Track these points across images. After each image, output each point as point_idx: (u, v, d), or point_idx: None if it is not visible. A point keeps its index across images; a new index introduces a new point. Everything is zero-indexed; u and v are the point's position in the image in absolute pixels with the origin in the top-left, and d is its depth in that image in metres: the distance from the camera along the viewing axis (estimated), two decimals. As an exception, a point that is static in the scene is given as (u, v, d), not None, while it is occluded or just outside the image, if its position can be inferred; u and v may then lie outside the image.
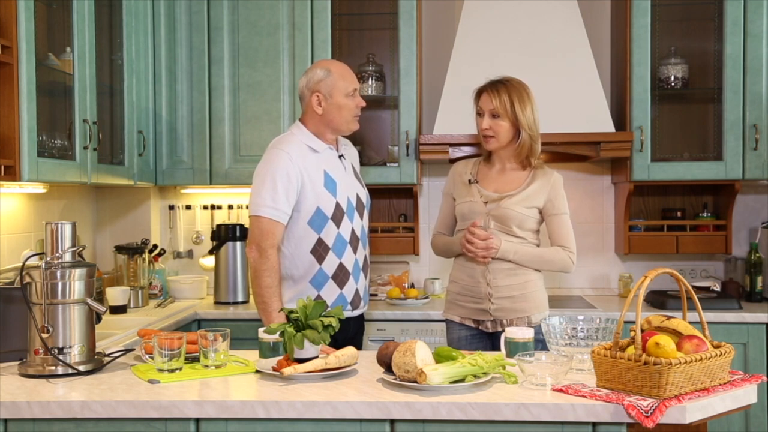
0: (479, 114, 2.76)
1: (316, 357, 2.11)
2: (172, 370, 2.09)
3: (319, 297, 2.67)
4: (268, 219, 2.62)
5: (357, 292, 2.77)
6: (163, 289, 3.83)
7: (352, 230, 2.74)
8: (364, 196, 2.87)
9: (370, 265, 4.00)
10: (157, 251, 3.82)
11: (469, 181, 2.80)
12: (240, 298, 3.73)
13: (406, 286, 3.87)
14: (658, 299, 3.58)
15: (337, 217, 2.69)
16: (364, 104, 2.78)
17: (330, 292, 2.70)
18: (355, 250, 2.75)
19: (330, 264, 2.69)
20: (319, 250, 2.68)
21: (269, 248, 2.61)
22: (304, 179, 2.65)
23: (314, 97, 2.71)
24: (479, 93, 2.77)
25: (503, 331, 2.55)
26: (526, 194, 2.72)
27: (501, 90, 2.70)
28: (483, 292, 2.71)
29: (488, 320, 2.73)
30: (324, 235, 2.68)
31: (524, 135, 2.70)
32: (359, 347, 2.87)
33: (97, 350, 2.27)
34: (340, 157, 2.80)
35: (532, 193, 2.72)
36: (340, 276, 2.71)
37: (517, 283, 2.70)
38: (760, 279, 3.65)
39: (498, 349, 2.61)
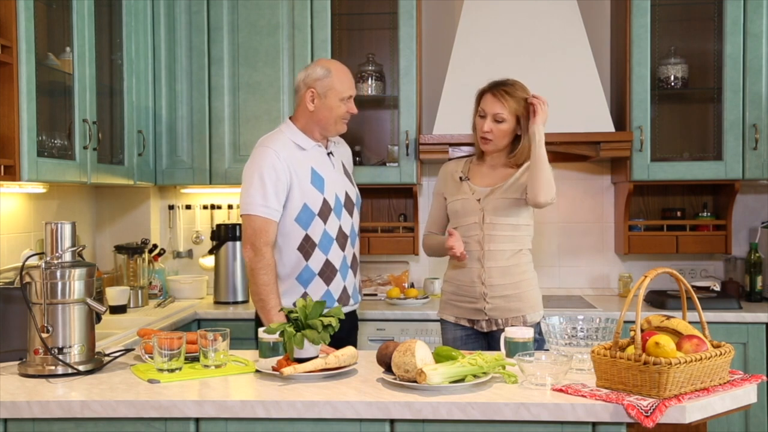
0: (480, 115, 2.74)
1: (316, 357, 2.11)
2: (172, 370, 2.09)
3: (305, 294, 2.65)
4: (260, 217, 2.61)
5: (345, 289, 2.74)
6: (162, 289, 3.83)
7: (340, 227, 2.72)
8: (354, 194, 2.84)
9: (373, 265, 4.01)
10: (157, 251, 3.82)
11: (461, 178, 2.80)
12: (240, 298, 3.73)
13: (406, 286, 3.87)
14: (658, 299, 3.58)
15: (324, 213, 2.67)
16: (355, 111, 2.75)
17: (316, 289, 2.68)
18: (342, 247, 2.73)
19: (316, 261, 2.68)
20: (306, 247, 2.66)
21: (263, 246, 2.61)
22: (291, 176, 2.63)
23: (308, 93, 2.69)
24: (482, 94, 2.75)
25: (498, 330, 2.55)
26: (514, 178, 2.72)
27: (510, 95, 2.67)
28: (478, 292, 2.71)
29: (483, 320, 2.73)
30: (311, 231, 2.66)
31: (525, 142, 2.68)
32: (354, 345, 2.86)
33: (97, 350, 2.27)
34: (328, 154, 2.78)
35: (519, 176, 2.72)
36: (327, 273, 2.69)
37: (512, 283, 2.70)
38: (759, 279, 3.65)
39: (493, 348, 2.62)
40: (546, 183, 2.60)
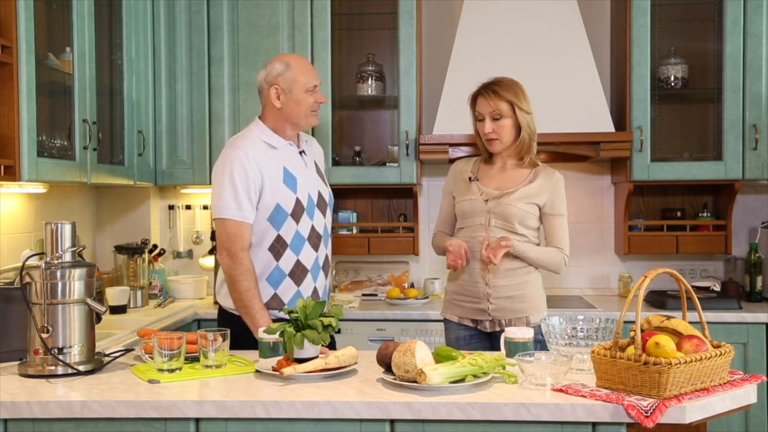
0: (479, 119, 2.74)
1: (316, 357, 2.11)
2: (172, 370, 2.09)
3: (275, 296, 2.61)
4: (233, 221, 2.55)
5: (315, 290, 2.69)
6: (163, 289, 3.83)
7: (312, 227, 2.67)
8: (327, 194, 2.79)
9: (373, 265, 4.01)
10: (157, 251, 3.82)
11: (470, 178, 2.79)
12: (240, 298, 3.72)
13: (406, 286, 3.87)
14: (658, 299, 3.58)
15: (297, 213, 2.61)
16: (323, 100, 2.71)
17: (286, 290, 2.63)
18: (315, 248, 2.68)
19: (287, 261, 2.62)
20: (277, 247, 2.61)
21: (240, 252, 2.54)
22: (262, 176, 2.58)
23: (273, 90, 2.64)
24: (474, 98, 2.76)
25: (502, 331, 2.55)
26: (527, 191, 2.71)
27: (498, 91, 2.69)
28: (482, 292, 2.71)
29: (487, 320, 2.73)
30: (283, 232, 2.60)
31: (524, 134, 2.70)
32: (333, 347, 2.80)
33: (97, 350, 2.27)
34: (300, 153, 2.73)
35: (533, 190, 2.71)
36: (297, 273, 2.64)
37: (516, 283, 2.70)
38: (759, 279, 3.65)
39: (496, 348, 2.62)
40: (550, 266, 2.75)
